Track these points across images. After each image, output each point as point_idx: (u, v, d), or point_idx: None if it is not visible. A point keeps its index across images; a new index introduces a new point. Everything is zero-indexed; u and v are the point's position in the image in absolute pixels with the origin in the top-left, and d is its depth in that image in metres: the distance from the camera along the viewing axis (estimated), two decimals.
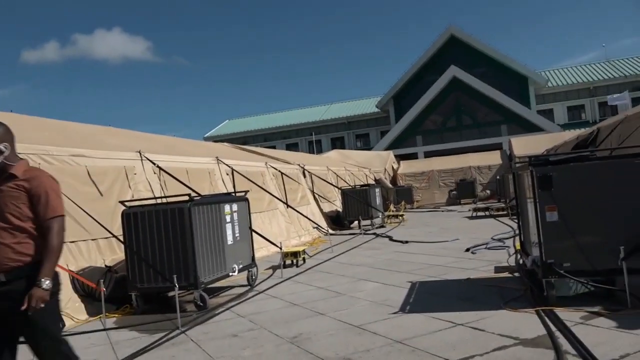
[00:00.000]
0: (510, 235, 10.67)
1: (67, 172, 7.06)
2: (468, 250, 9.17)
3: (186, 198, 6.35)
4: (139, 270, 6.21)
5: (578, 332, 4.04)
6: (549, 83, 42.31)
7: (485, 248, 9.27)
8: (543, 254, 4.96)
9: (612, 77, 40.66)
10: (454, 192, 25.78)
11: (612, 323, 4.28)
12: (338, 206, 17.21)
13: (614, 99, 28.15)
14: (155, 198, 7.75)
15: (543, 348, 3.81)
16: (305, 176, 16.66)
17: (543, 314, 4.65)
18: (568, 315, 4.56)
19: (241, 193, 8.12)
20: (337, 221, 16.46)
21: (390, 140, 39.59)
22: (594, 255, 4.87)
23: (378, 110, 45.49)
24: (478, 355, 3.80)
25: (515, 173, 6.65)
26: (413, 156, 37.12)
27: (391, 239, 12.19)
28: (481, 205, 19.08)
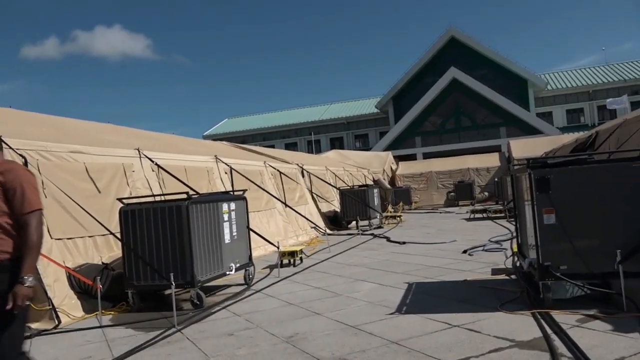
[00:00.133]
0: (507, 237, 10.68)
1: (65, 169, 7.05)
2: (465, 252, 9.19)
3: (184, 196, 6.35)
4: (136, 267, 6.22)
5: (574, 335, 4.06)
6: (549, 86, 42.38)
7: (482, 250, 9.28)
8: (540, 257, 4.97)
9: (612, 81, 40.73)
10: (452, 194, 25.83)
11: (608, 326, 4.30)
12: (336, 206, 17.22)
13: (613, 103, 28.16)
14: (153, 196, 7.76)
15: (539, 350, 3.82)
16: (303, 176, 16.66)
17: (539, 317, 4.66)
18: (564, 317, 4.57)
19: (239, 192, 8.13)
20: (335, 221, 16.47)
21: (389, 141, 39.62)
22: (591, 258, 4.88)
23: (377, 110, 45.48)
24: (474, 356, 3.81)
25: (513, 175, 6.66)
26: (412, 157, 37.17)
27: (389, 240, 12.20)
28: (479, 207, 19.09)
